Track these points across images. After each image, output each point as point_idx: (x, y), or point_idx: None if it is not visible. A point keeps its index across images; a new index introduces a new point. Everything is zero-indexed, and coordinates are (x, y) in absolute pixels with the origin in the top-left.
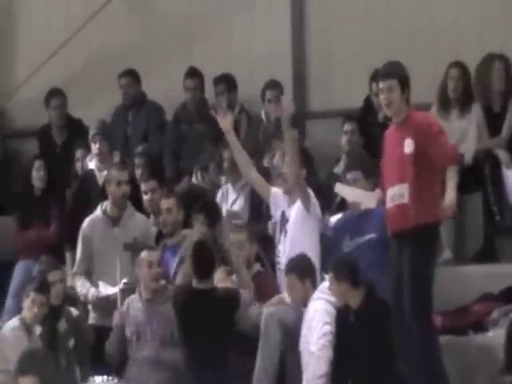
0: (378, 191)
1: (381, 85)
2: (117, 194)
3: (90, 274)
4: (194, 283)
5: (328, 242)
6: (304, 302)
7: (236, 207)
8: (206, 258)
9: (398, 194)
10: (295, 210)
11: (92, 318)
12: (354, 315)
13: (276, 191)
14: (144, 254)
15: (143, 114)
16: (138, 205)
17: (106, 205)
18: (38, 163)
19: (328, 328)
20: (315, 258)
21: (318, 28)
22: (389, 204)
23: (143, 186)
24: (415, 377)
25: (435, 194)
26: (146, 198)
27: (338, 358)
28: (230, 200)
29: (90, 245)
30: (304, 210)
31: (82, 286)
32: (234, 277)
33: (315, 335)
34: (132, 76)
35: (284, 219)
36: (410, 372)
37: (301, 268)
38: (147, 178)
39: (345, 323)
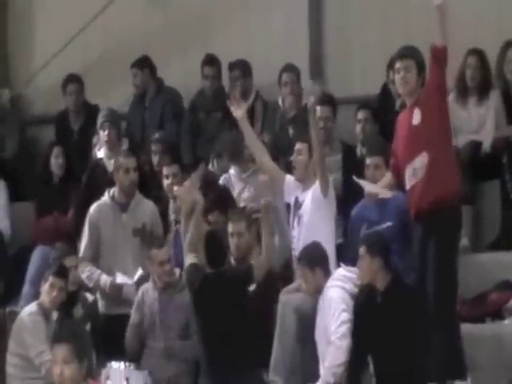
0: (388, 175)
1: (397, 64)
2: (125, 181)
3: (95, 261)
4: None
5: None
6: (317, 291)
7: (245, 196)
8: (217, 247)
9: (418, 166)
10: (310, 196)
11: (101, 307)
12: (381, 296)
13: (289, 178)
14: (154, 252)
15: (160, 101)
16: (146, 191)
17: (114, 191)
18: (56, 150)
19: (346, 316)
20: (331, 243)
21: (336, 14)
22: (411, 182)
23: (165, 171)
24: (435, 363)
25: (453, 165)
26: (166, 182)
27: (358, 337)
28: (237, 189)
29: (97, 230)
30: (321, 194)
31: (90, 272)
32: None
33: (333, 324)
34: (140, 66)
35: (297, 205)
36: (430, 358)
37: (310, 257)
38: (169, 163)
39: (370, 303)
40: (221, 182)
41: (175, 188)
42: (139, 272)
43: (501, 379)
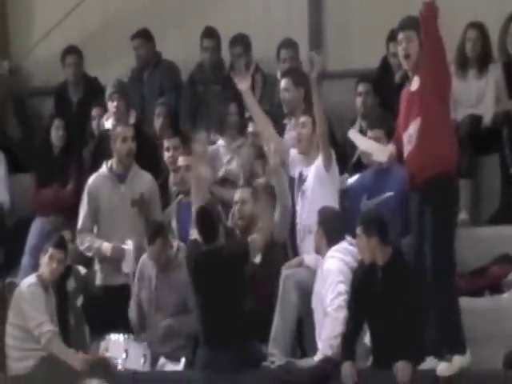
0: (391, 145)
1: (400, 36)
2: (122, 151)
3: (93, 232)
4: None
5: (346, 201)
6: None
7: (231, 166)
8: (209, 222)
9: (413, 132)
10: (313, 170)
11: (99, 279)
12: (381, 271)
13: (293, 151)
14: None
15: (158, 74)
16: (146, 162)
17: (112, 162)
18: (57, 122)
19: (342, 287)
20: None
21: None
22: (407, 150)
23: (166, 143)
24: (433, 337)
25: (447, 128)
26: (167, 154)
27: (355, 309)
28: (225, 159)
29: (96, 201)
30: (324, 169)
31: (90, 242)
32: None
33: (330, 296)
34: (144, 37)
35: (301, 180)
36: (429, 332)
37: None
38: (170, 135)
39: (370, 278)
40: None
41: (180, 159)
42: (129, 241)
43: (499, 352)
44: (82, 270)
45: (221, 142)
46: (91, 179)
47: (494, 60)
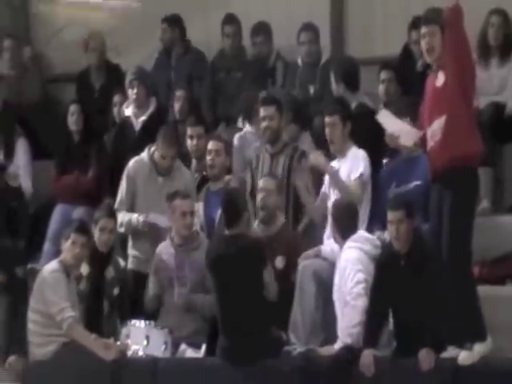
0: (417, 131)
1: (423, 30)
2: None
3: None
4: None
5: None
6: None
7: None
8: (233, 206)
9: (437, 128)
10: (348, 166)
11: (130, 263)
12: (404, 259)
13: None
14: (178, 202)
15: (187, 61)
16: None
17: (154, 150)
18: (72, 107)
19: (361, 276)
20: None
21: None
22: (430, 144)
23: (190, 131)
24: (453, 323)
25: (472, 126)
26: (191, 143)
27: (378, 297)
28: (253, 146)
29: (133, 185)
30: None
31: (123, 217)
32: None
33: (349, 284)
34: (170, 22)
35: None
36: (448, 319)
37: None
38: (194, 123)
39: (393, 265)
40: (235, 140)
41: (211, 143)
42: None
43: None
44: (122, 261)
45: (248, 128)
46: (131, 162)
47: None
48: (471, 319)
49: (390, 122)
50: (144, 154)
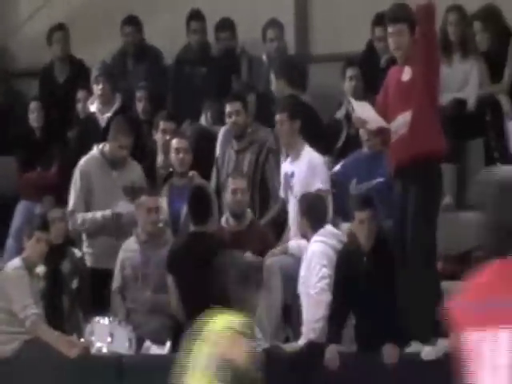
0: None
1: (390, 29)
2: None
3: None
4: (191, 227)
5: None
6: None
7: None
8: (202, 202)
9: (401, 122)
10: (304, 169)
11: (89, 261)
12: (367, 254)
13: None
14: (143, 198)
15: (144, 63)
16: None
17: (104, 146)
18: (32, 105)
19: (326, 271)
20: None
21: None
22: (393, 137)
23: (162, 125)
24: (416, 318)
25: (437, 122)
26: (163, 137)
27: (340, 293)
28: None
29: (88, 183)
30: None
31: (84, 215)
32: None
33: (313, 279)
34: (135, 24)
35: (287, 177)
36: (412, 314)
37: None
38: (167, 118)
39: (355, 263)
40: (220, 134)
41: (175, 140)
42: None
43: None
44: (78, 252)
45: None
46: (83, 160)
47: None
48: (434, 314)
49: (360, 108)
50: (94, 152)
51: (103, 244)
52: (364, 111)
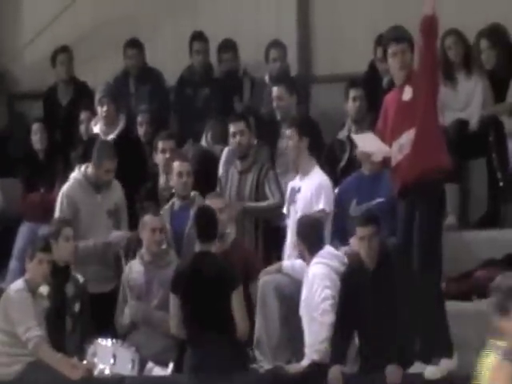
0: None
1: (394, 49)
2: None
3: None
4: (197, 246)
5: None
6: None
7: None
8: (209, 221)
9: (405, 142)
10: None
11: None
12: (371, 275)
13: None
14: (148, 218)
15: (146, 85)
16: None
17: (86, 168)
18: (35, 126)
19: (328, 292)
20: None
21: None
22: (397, 158)
23: (161, 145)
24: (421, 341)
25: (440, 139)
26: (162, 157)
27: (344, 313)
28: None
29: (75, 207)
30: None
31: (77, 243)
32: None
33: (316, 300)
34: (138, 47)
35: (293, 192)
36: (416, 334)
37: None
38: (166, 137)
39: (360, 282)
40: (224, 155)
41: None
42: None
43: None
44: (81, 277)
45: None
46: (67, 185)
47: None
48: (438, 334)
49: (362, 141)
50: (76, 175)
51: (91, 270)
52: (366, 144)
